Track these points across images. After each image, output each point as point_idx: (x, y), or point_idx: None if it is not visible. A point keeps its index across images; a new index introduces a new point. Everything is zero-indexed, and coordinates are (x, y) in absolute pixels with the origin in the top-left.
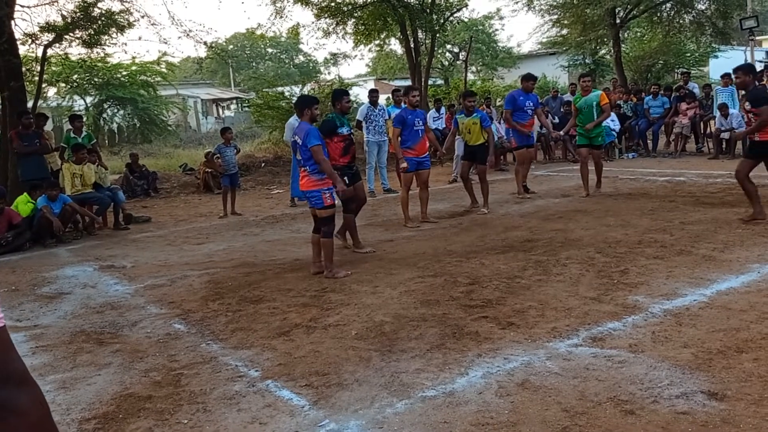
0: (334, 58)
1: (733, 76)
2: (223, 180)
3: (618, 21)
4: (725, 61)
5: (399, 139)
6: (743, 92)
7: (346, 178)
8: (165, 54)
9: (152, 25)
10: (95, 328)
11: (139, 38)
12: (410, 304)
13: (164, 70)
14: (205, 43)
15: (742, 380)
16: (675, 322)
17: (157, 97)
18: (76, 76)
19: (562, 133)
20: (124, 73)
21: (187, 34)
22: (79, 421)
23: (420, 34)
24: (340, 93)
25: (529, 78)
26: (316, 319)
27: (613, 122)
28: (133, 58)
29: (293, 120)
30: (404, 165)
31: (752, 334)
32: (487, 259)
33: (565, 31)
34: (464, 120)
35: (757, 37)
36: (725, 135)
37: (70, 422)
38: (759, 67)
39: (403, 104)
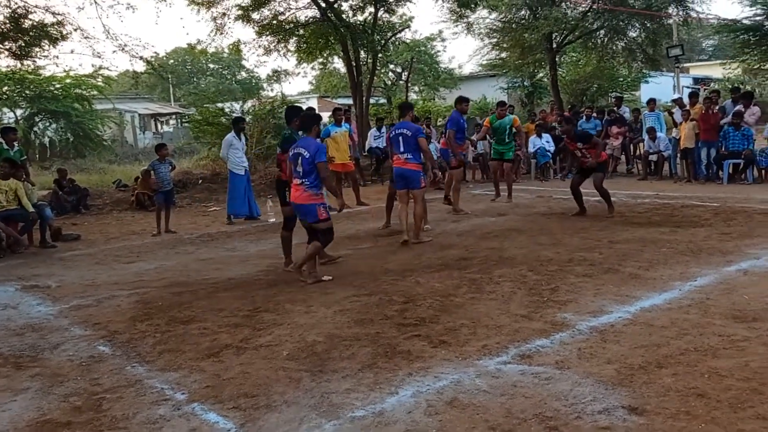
0: (277, 75)
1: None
2: (157, 197)
3: (554, 46)
4: (655, 86)
5: None
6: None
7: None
8: (101, 67)
9: (86, 38)
10: (14, 351)
11: (72, 51)
12: (344, 323)
13: (100, 83)
14: (141, 58)
15: (661, 395)
16: (600, 339)
17: (92, 111)
18: (6, 88)
19: (475, 139)
20: (58, 85)
21: (122, 49)
22: None
23: (362, 54)
24: (295, 110)
25: (464, 100)
26: (248, 339)
27: (548, 143)
28: (66, 71)
29: (230, 137)
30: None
31: (672, 349)
32: (422, 277)
33: (504, 54)
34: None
35: (684, 64)
36: (653, 157)
37: None
38: (686, 92)
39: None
